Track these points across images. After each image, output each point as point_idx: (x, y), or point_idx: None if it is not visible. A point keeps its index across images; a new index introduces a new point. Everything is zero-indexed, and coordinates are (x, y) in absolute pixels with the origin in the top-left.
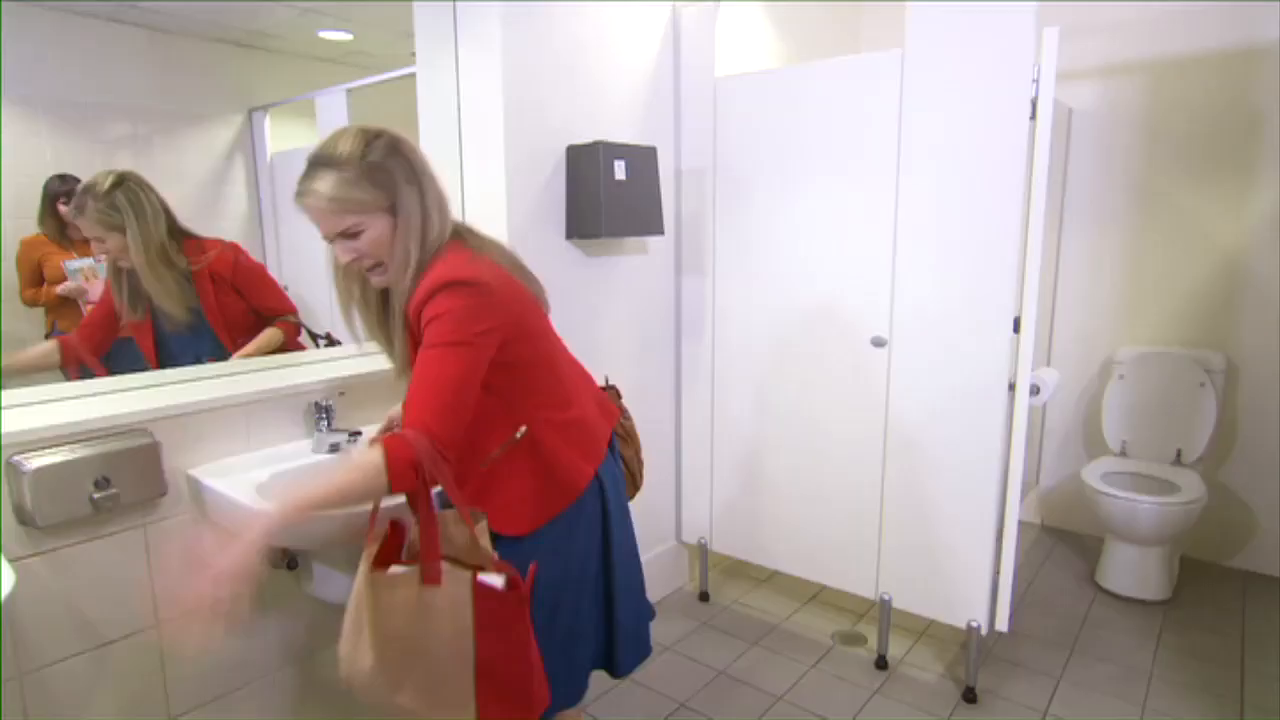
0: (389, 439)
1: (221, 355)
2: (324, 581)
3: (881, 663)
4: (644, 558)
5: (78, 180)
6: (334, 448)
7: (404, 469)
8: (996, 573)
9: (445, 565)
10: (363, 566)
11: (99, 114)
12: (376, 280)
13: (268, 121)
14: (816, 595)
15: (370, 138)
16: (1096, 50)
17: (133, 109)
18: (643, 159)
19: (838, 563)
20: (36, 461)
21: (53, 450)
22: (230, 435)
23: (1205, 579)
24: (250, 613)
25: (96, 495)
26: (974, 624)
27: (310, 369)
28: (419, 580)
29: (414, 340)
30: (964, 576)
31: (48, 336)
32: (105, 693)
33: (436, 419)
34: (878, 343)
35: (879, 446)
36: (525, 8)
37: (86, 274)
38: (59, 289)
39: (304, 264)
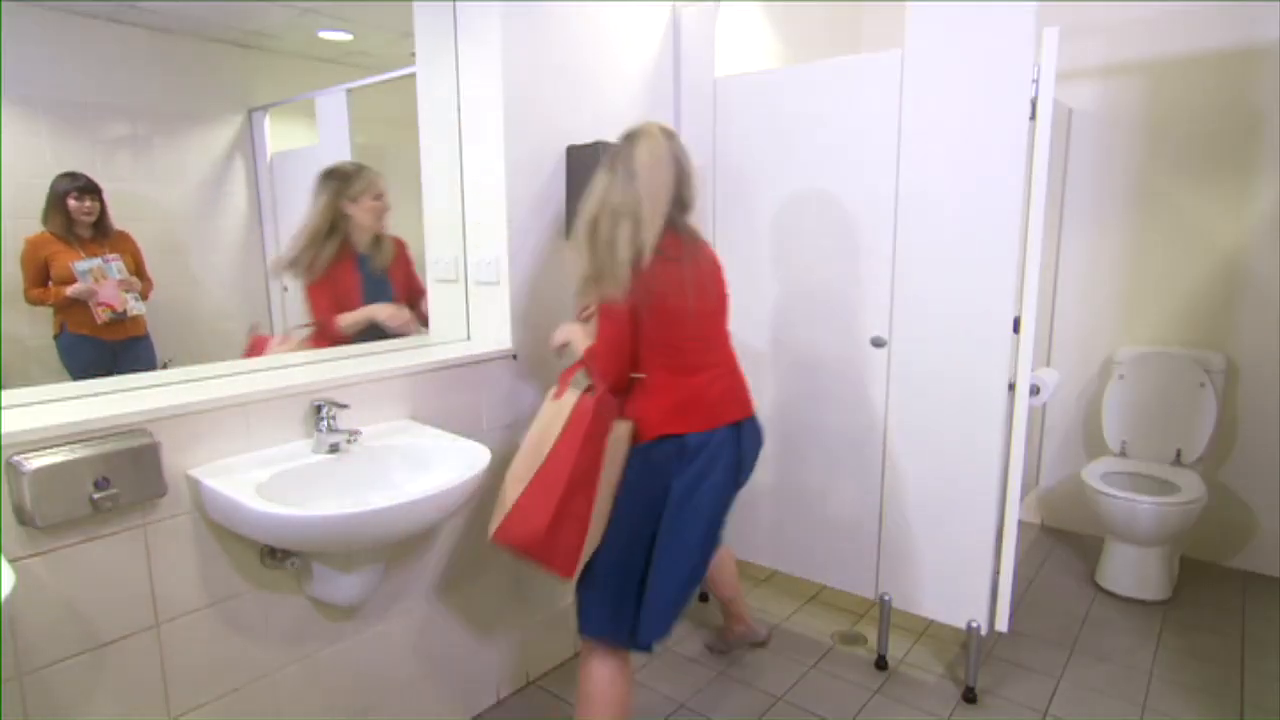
0: (590, 347)
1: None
2: (324, 582)
3: (881, 663)
4: None
5: (86, 178)
6: (334, 448)
7: (586, 360)
8: (996, 573)
9: (571, 388)
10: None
11: (99, 114)
12: None
13: (268, 121)
14: (816, 595)
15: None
16: (1096, 50)
17: (133, 109)
18: None
19: (837, 563)
20: (36, 462)
21: (52, 450)
22: (230, 435)
23: (1205, 579)
24: (252, 613)
25: (96, 495)
26: (974, 624)
27: (310, 369)
28: (553, 396)
29: None
30: (964, 576)
31: (56, 337)
32: (105, 693)
33: (595, 358)
34: (877, 343)
35: (878, 446)
36: (525, 8)
37: (96, 274)
38: (70, 290)
39: None
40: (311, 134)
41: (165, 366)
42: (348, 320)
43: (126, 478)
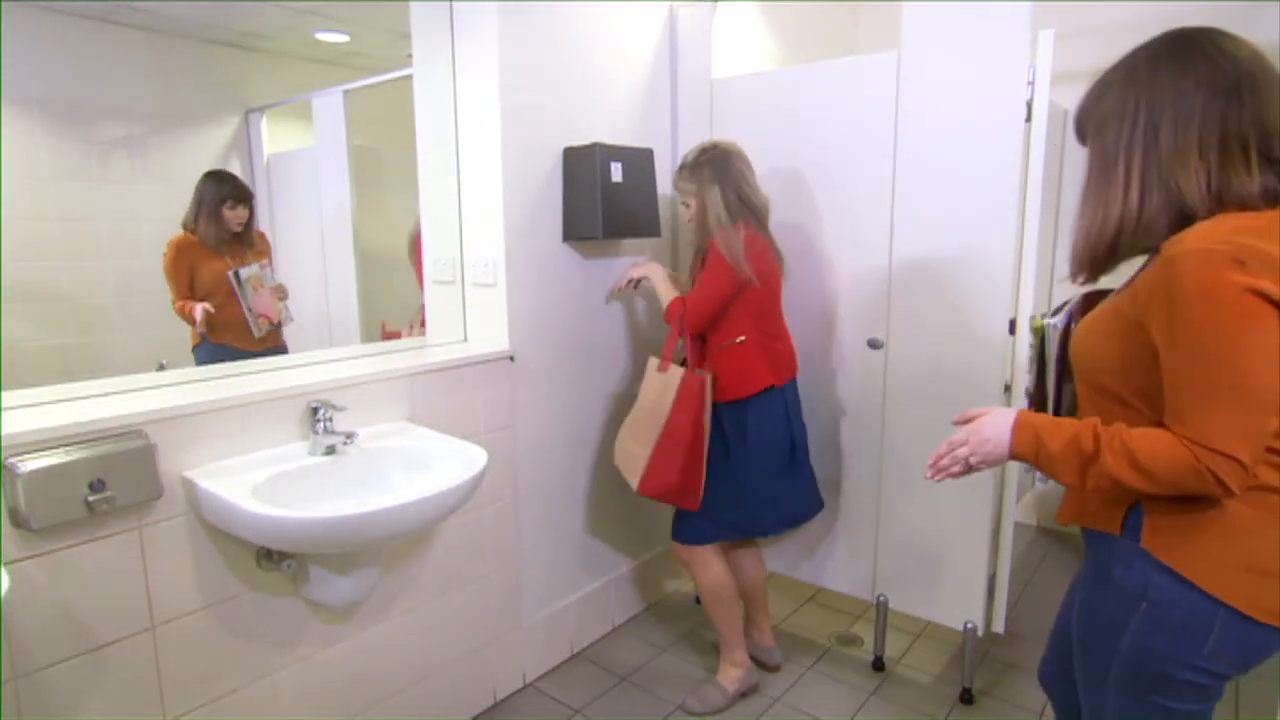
0: (675, 300)
1: None
2: (320, 584)
3: (878, 664)
4: (642, 559)
5: (236, 182)
6: (330, 450)
7: (670, 312)
8: (993, 574)
9: (673, 365)
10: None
11: (94, 114)
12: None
13: (264, 123)
14: (813, 596)
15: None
16: (1092, 52)
17: (128, 110)
18: (639, 161)
19: (835, 564)
20: (31, 464)
21: (47, 453)
22: (226, 437)
23: None
24: (248, 616)
25: (91, 498)
26: (970, 625)
27: (307, 370)
28: (658, 369)
29: (701, 265)
30: (960, 578)
31: (195, 349)
32: (101, 696)
33: (692, 312)
34: (874, 344)
35: (875, 447)
36: (522, 8)
37: (255, 282)
38: (196, 316)
39: (300, 265)
40: (308, 135)
41: (161, 368)
42: None
43: (122, 480)
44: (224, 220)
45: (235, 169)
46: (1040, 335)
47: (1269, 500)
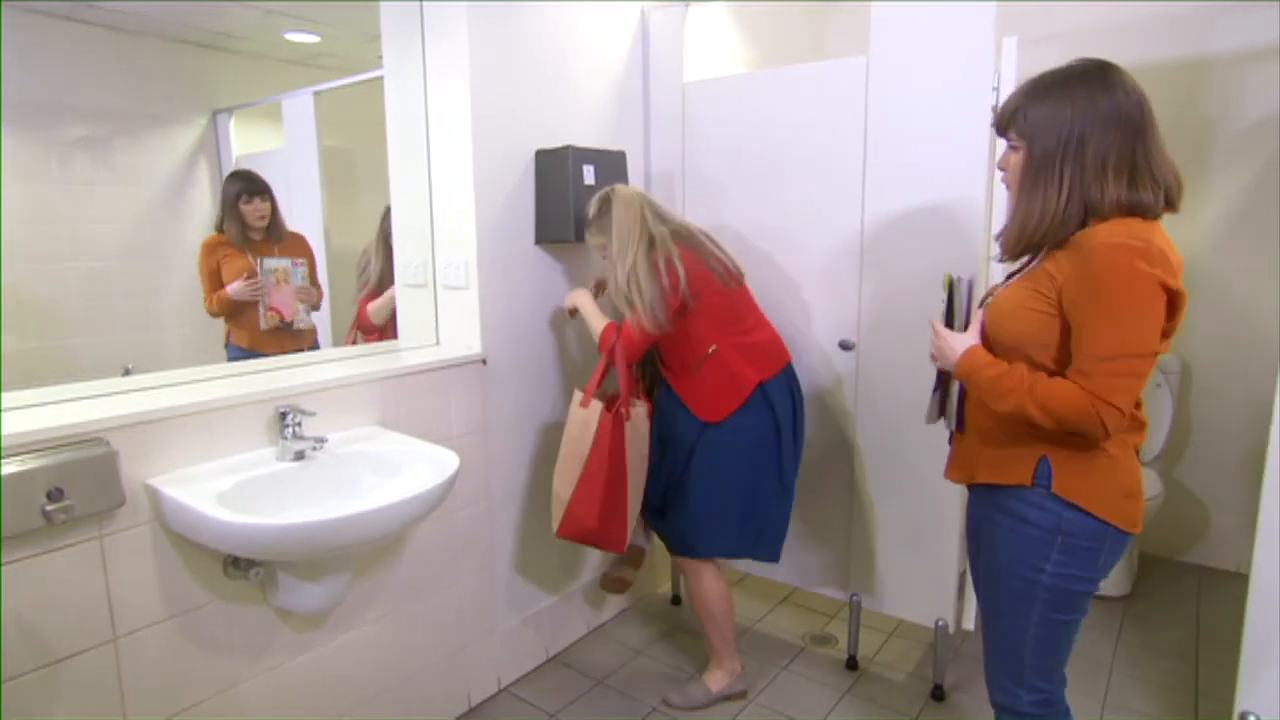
0: (610, 326)
1: None
2: (289, 591)
3: (852, 663)
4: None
5: (253, 176)
6: (299, 455)
7: (603, 341)
8: (963, 572)
9: (594, 400)
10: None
11: (56, 114)
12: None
13: (232, 124)
14: (788, 597)
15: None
16: (1055, 58)
17: (92, 110)
18: (612, 163)
19: (808, 564)
20: None
21: (3, 462)
22: (191, 444)
23: (1162, 574)
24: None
25: (49, 507)
26: (941, 623)
27: (276, 375)
28: (580, 404)
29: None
30: (931, 576)
31: (226, 348)
32: (60, 710)
33: (627, 340)
34: (845, 346)
35: (848, 448)
36: (492, 9)
37: (280, 276)
38: (230, 290)
39: None
40: (278, 136)
41: (126, 373)
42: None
43: (82, 488)
44: (243, 216)
45: (203, 171)
46: (950, 288)
47: (1128, 440)
